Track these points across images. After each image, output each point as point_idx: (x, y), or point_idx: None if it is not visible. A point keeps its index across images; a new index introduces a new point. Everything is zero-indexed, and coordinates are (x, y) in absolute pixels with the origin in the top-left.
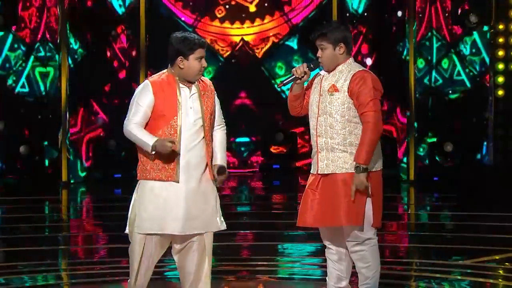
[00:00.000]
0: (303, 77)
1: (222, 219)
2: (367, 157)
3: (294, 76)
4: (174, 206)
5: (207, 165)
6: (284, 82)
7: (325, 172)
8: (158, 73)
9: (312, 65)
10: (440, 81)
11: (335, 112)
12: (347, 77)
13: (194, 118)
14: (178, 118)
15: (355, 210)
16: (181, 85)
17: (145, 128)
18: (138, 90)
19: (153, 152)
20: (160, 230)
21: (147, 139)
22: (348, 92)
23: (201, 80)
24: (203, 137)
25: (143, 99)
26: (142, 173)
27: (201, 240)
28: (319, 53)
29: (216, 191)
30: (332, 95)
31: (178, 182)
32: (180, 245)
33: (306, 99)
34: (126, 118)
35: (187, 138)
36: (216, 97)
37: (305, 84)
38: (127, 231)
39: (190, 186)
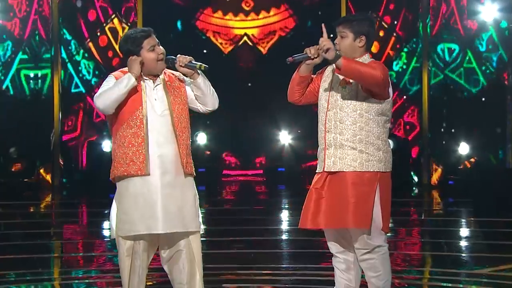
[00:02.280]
0: (315, 58)
1: (200, 220)
2: (350, 65)
3: (306, 55)
4: (151, 203)
5: (184, 159)
6: (295, 58)
7: (332, 170)
8: (121, 69)
9: None
10: (455, 79)
11: (346, 106)
12: None
13: (161, 109)
14: (142, 108)
15: (363, 212)
16: (144, 77)
17: (110, 121)
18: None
19: (133, 81)
20: (144, 230)
21: (121, 80)
22: (361, 85)
23: (169, 73)
24: (174, 129)
25: (110, 82)
26: (112, 170)
27: (189, 248)
28: (337, 40)
29: (195, 189)
30: (344, 88)
31: (149, 175)
32: (168, 253)
33: (310, 88)
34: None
35: (156, 130)
36: (187, 88)
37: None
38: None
39: (166, 180)
